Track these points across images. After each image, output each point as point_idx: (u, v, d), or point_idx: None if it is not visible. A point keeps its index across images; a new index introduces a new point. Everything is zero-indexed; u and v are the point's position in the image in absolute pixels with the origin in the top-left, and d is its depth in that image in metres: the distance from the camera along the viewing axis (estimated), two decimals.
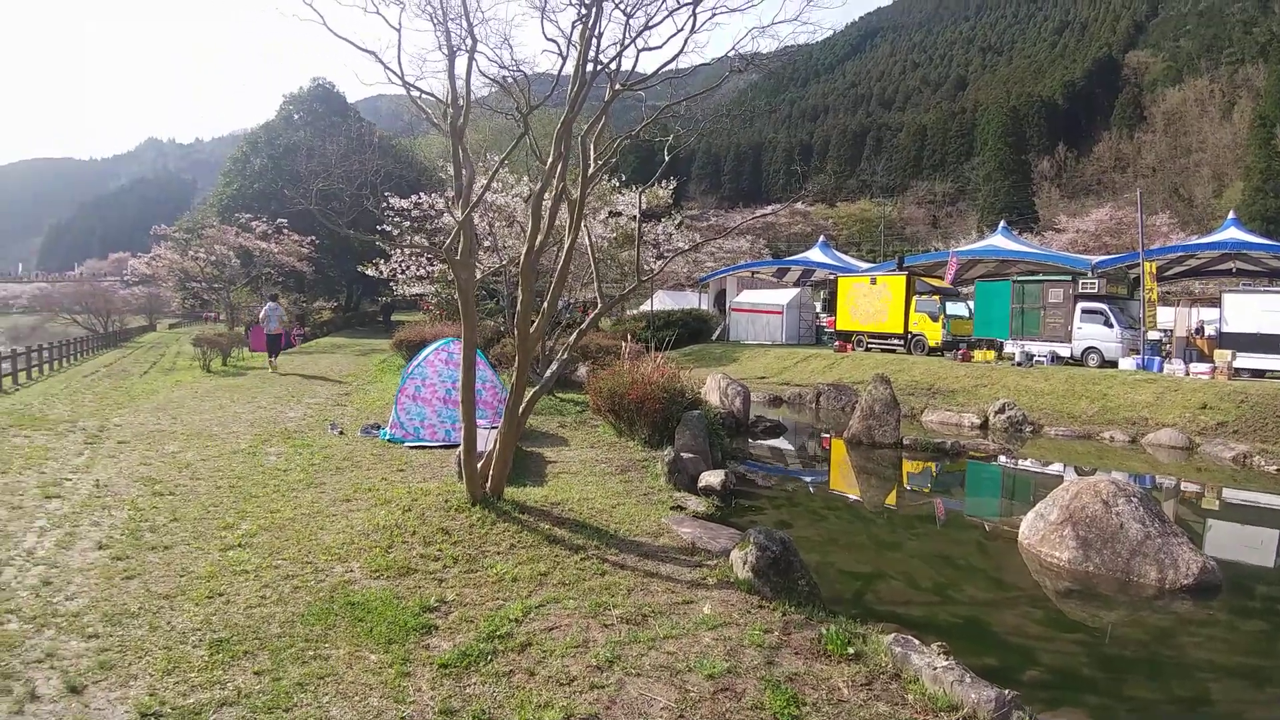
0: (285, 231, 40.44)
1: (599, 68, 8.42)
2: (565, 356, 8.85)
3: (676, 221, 28.49)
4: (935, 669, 4.87)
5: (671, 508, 8.84)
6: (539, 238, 8.22)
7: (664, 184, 25.48)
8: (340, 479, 9.98)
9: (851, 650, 5.23)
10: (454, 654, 5.09)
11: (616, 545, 7.21)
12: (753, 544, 6.54)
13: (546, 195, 8.38)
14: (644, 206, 13.59)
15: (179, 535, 7.71)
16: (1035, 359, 22.62)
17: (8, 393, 19.80)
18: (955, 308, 26.37)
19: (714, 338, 33.85)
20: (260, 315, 28.20)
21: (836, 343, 28.37)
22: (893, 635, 5.38)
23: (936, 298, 26.24)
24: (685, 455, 10.78)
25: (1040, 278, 25.60)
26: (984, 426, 17.55)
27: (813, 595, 6.43)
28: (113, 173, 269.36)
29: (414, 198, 24.17)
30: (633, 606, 5.84)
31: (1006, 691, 4.64)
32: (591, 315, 9.35)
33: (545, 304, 8.79)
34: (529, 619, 5.63)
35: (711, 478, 10.31)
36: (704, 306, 37.65)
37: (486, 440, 8.85)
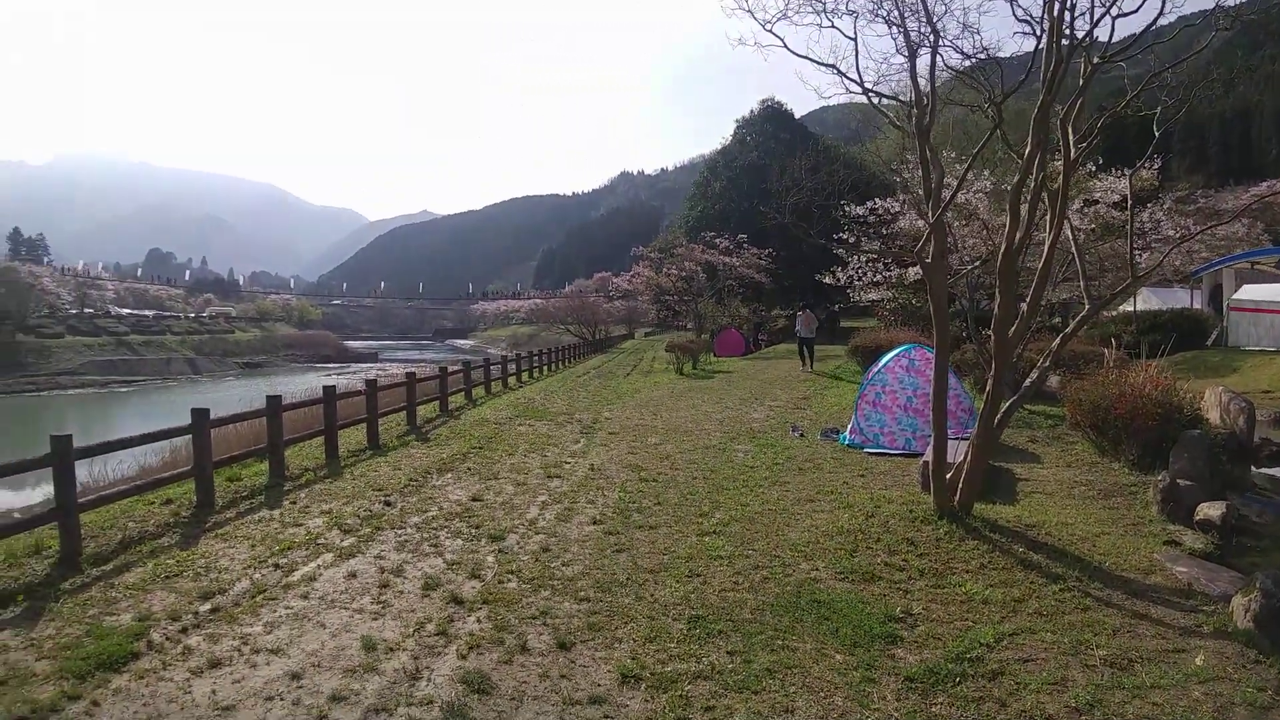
0: (745, 246, 42.92)
1: (1074, 43, 7.63)
2: (1048, 364, 8.12)
3: (1165, 206, 24.57)
4: None
5: (1164, 542, 7.68)
6: (1018, 234, 7.65)
7: (1148, 164, 22.13)
8: (803, 479, 10.22)
9: None
10: (920, 669, 4.91)
11: (1100, 579, 6.44)
12: (1258, 589, 5.46)
13: (1024, 189, 7.77)
14: (1124, 190, 11.93)
15: (661, 518, 8.47)
16: None
17: (514, 389, 23.67)
18: None
19: (1209, 343, 28.51)
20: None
21: None
22: None
23: None
24: (1181, 482, 9.28)
25: None
26: None
27: None
28: (592, 204, 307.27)
29: (869, 204, 24.07)
30: (1117, 649, 5.19)
31: None
32: (1079, 318, 8.45)
33: (1024, 307, 8.14)
34: (1001, 646, 5.25)
35: (1211, 510, 8.71)
36: (1196, 305, 32.05)
37: (955, 452, 8.47)
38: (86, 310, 76.36)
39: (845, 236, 22.93)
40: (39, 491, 16.84)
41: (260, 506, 8.93)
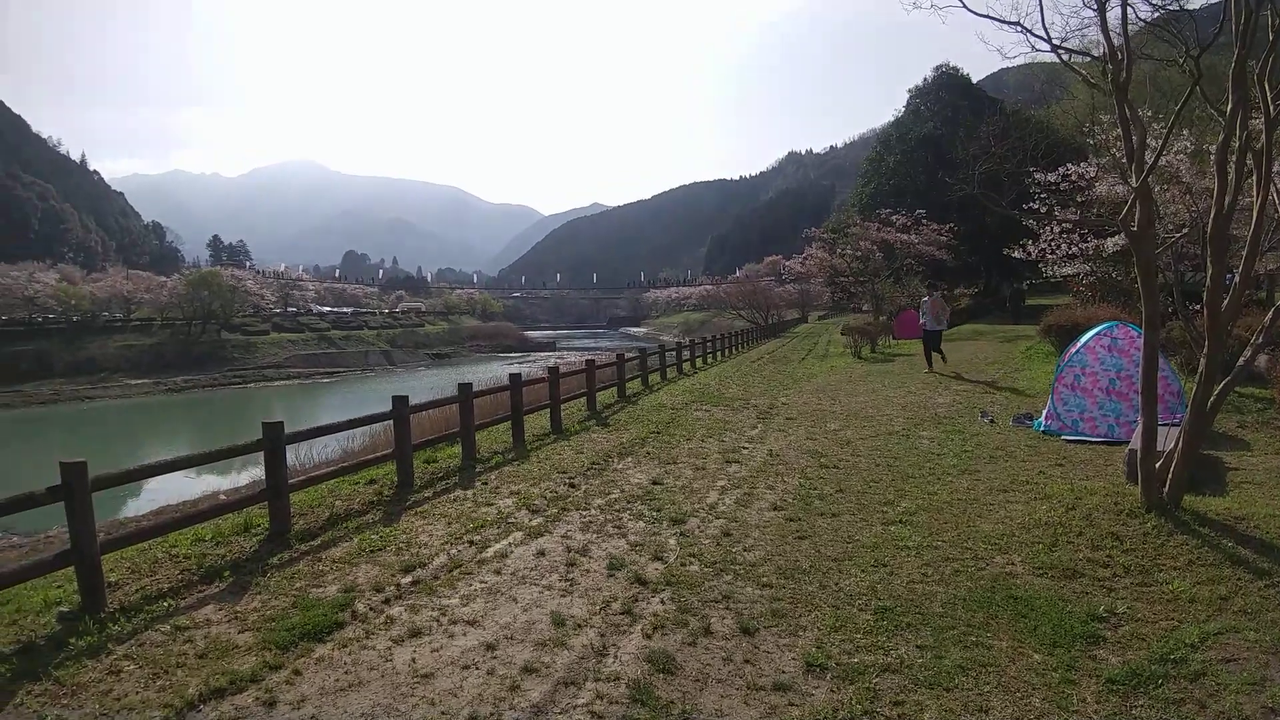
0: (924, 222, 41.26)
1: None
2: (1261, 341, 7.41)
3: None
4: None
5: None
6: (1227, 198, 7.01)
7: None
8: (994, 468, 9.80)
9: None
10: (1123, 671, 4.66)
11: None
12: None
13: (1229, 149, 7.12)
14: None
15: (844, 505, 8.36)
16: None
17: (688, 375, 23.84)
18: None
19: None
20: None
21: None
22: None
23: None
24: None
25: None
26: None
27: None
28: (762, 187, 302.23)
29: (1061, 169, 22.42)
30: None
31: None
32: None
33: (1236, 279, 7.45)
34: (1205, 646, 4.94)
35: None
36: None
37: (1163, 439, 7.87)
38: (290, 309, 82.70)
39: (1035, 206, 21.56)
40: (245, 475, 18.30)
41: (455, 487, 9.45)
